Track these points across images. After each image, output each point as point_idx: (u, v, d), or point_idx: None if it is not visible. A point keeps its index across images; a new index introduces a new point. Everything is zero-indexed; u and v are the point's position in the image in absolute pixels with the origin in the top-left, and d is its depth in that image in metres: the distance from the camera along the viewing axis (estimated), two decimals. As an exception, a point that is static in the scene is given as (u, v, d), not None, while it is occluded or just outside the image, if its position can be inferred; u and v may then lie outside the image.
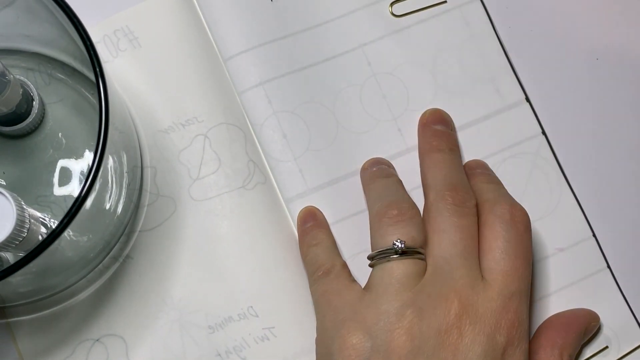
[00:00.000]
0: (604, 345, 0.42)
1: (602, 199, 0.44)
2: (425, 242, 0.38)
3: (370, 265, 0.38)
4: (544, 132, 0.44)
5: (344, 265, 0.40)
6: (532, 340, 0.39)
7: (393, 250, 0.37)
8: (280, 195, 0.42)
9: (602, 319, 0.42)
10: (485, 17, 0.45)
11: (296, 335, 0.41)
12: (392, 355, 0.35)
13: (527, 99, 0.44)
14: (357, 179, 0.43)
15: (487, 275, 0.37)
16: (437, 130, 0.43)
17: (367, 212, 0.42)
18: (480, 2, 0.45)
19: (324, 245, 0.41)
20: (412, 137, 0.43)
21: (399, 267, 0.37)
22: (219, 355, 0.41)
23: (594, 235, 0.43)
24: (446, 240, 0.38)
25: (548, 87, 0.45)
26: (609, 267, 0.43)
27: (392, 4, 0.45)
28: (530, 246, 0.39)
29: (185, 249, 0.42)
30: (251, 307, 0.41)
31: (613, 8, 0.46)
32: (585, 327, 0.41)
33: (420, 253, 0.38)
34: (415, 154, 0.43)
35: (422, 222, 0.39)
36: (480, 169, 0.42)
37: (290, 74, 0.43)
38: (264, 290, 0.41)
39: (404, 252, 0.37)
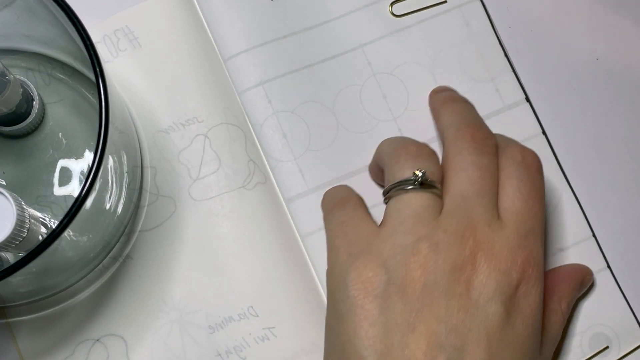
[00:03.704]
0: (605, 346, 0.42)
1: (602, 199, 0.44)
2: (442, 180, 0.38)
3: (385, 200, 0.38)
4: (544, 132, 0.44)
5: (362, 201, 0.40)
6: None
7: (411, 181, 0.37)
8: (280, 195, 0.42)
9: (603, 319, 0.42)
10: (485, 17, 0.45)
11: (296, 335, 0.41)
12: (407, 289, 0.35)
13: (527, 99, 0.44)
14: (358, 179, 0.43)
15: (502, 215, 0.37)
16: (449, 92, 0.43)
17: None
18: (480, 2, 0.45)
19: (344, 186, 0.41)
20: (413, 137, 0.43)
21: (416, 200, 0.37)
22: (219, 355, 0.41)
23: (594, 236, 0.43)
24: (464, 178, 0.37)
25: (548, 87, 0.45)
26: (609, 267, 0.43)
27: (392, 4, 0.45)
28: (543, 187, 0.38)
29: (185, 249, 0.42)
30: (251, 307, 0.41)
31: (613, 8, 0.46)
32: (582, 280, 0.41)
33: (437, 188, 0.37)
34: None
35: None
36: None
37: (291, 74, 0.43)
38: (264, 290, 0.41)
39: (423, 184, 0.37)
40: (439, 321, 0.34)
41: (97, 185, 0.32)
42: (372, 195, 0.42)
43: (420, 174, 0.37)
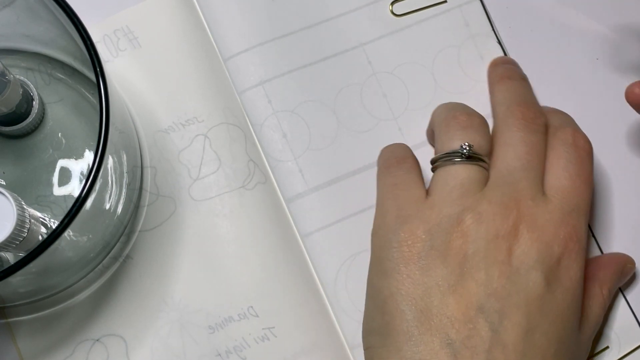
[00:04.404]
0: (605, 346, 0.42)
1: (601, 199, 0.43)
2: (490, 154, 0.39)
3: (433, 169, 0.39)
4: (544, 132, 0.44)
5: (417, 163, 0.41)
6: None
7: (459, 154, 0.38)
8: (280, 195, 0.42)
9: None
10: (485, 17, 0.45)
11: (296, 335, 0.41)
12: (449, 256, 0.36)
13: (527, 99, 0.44)
14: (359, 178, 0.43)
15: (548, 192, 0.38)
16: (507, 66, 0.44)
17: (366, 212, 0.42)
18: (479, 2, 0.45)
19: (403, 145, 0.42)
20: (413, 137, 0.43)
21: (463, 171, 0.38)
22: (219, 355, 0.41)
23: (593, 236, 0.43)
24: (511, 154, 0.38)
25: (548, 87, 0.45)
26: (609, 267, 0.43)
27: (392, 3, 0.45)
28: (591, 170, 0.39)
29: (185, 249, 0.42)
30: (251, 307, 0.41)
31: (613, 8, 0.46)
32: (622, 268, 0.41)
33: (484, 161, 0.38)
34: (416, 152, 0.43)
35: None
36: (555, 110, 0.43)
37: (291, 73, 0.43)
38: (264, 290, 0.41)
39: (470, 157, 0.38)
40: (479, 285, 0.35)
41: (97, 186, 0.32)
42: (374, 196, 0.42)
43: (467, 147, 0.38)
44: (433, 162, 0.39)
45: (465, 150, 0.38)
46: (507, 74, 0.43)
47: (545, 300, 0.35)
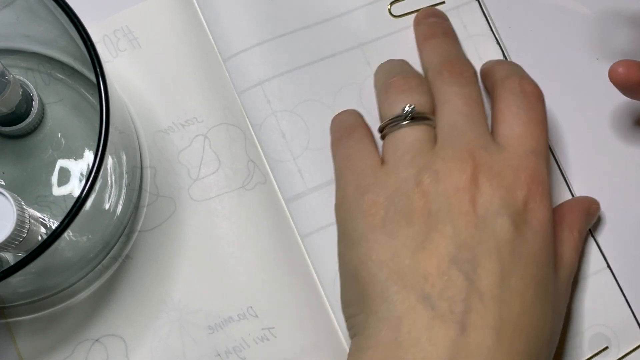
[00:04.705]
0: (604, 346, 0.42)
1: (601, 199, 0.43)
2: (433, 112, 0.39)
3: (382, 137, 0.40)
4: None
5: (368, 130, 0.41)
6: None
7: (403, 117, 0.38)
8: (280, 195, 0.42)
9: (602, 319, 0.42)
10: (483, 18, 0.45)
11: (296, 336, 0.41)
12: (413, 217, 0.36)
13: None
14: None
15: (502, 141, 0.38)
16: (430, 21, 0.44)
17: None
18: (477, 3, 0.45)
19: (352, 112, 0.42)
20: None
21: (410, 134, 0.38)
22: (219, 355, 0.41)
23: (593, 236, 0.43)
24: (450, 109, 0.38)
25: (548, 87, 0.45)
26: (609, 267, 0.43)
27: (390, 4, 0.45)
28: (544, 114, 0.39)
29: (185, 249, 0.42)
30: (251, 307, 0.41)
31: (613, 8, 0.46)
32: (588, 208, 0.42)
33: (429, 119, 0.39)
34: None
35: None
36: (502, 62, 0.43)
37: (290, 73, 0.43)
38: (264, 290, 0.41)
39: (414, 118, 0.38)
40: (447, 238, 0.35)
41: (97, 186, 0.32)
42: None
43: (409, 109, 0.38)
44: (381, 130, 0.40)
45: (408, 113, 0.38)
46: (429, 31, 0.43)
47: (516, 244, 0.35)
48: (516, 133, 0.38)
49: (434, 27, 0.43)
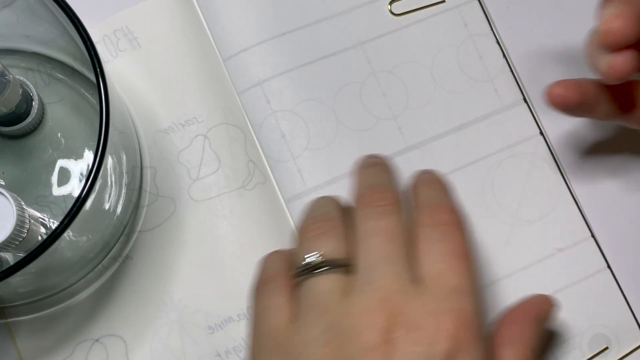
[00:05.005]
0: (604, 346, 0.42)
1: (601, 198, 0.44)
2: (352, 253, 0.35)
3: (294, 285, 0.35)
4: (542, 133, 0.44)
5: (285, 279, 0.36)
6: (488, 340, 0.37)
7: (311, 266, 0.34)
8: (280, 195, 0.42)
9: (602, 320, 0.42)
10: (483, 17, 0.45)
11: (296, 336, 0.41)
12: None
13: (525, 100, 0.44)
14: (357, 179, 0.43)
15: (424, 282, 0.33)
16: (367, 159, 0.40)
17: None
18: (478, 2, 0.45)
19: (275, 256, 0.37)
20: (412, 136, 0.43)
21: (319, 284, 0.34)
22: (219, 355, 0.41)
23: (593, 236, 0.43)
24: (366, 249, 0.34)
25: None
26: (609, 267, 0.43)
27: (390, 3, 0.45)
28: (465, 243, 0.35)
29: (185, 249, 0.42)
30: (250, 307, 0.41)
31: (612, 8, 0.46)
32: (536, 315, 0.38)
33: (340, 265, 0.34)
34: (416, 151, 0.43)
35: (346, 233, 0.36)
36: (426, 174, 0.39)
37: (289, 72, 0.43)
38: (264, 290, 0.41)
39: (324, 266, 0.34)
40: None
41: (97, 186, 0.32)
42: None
43: (315, 259, 0.34)
44: (293, 278, 0.35)
45: (316, 261, 0.34)
46: (362, 163, 0.39)
47: None
48: (437, 270, 0.33)
49: (366, 161, 0.40)
